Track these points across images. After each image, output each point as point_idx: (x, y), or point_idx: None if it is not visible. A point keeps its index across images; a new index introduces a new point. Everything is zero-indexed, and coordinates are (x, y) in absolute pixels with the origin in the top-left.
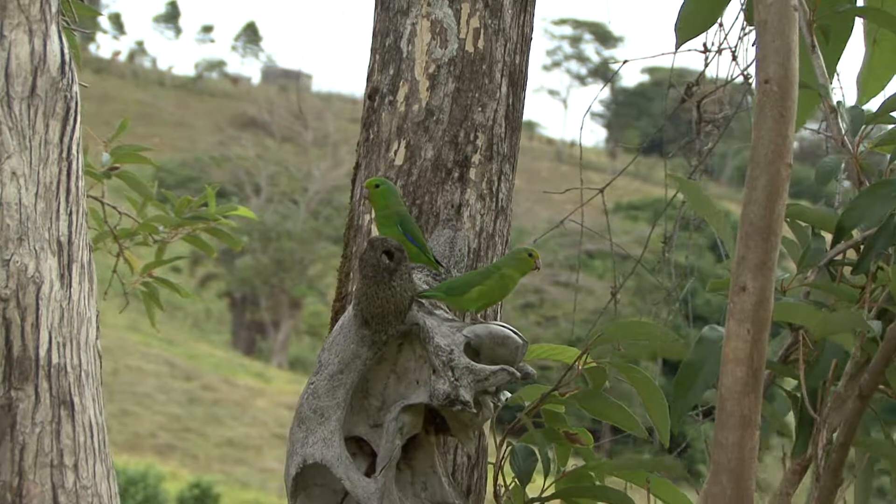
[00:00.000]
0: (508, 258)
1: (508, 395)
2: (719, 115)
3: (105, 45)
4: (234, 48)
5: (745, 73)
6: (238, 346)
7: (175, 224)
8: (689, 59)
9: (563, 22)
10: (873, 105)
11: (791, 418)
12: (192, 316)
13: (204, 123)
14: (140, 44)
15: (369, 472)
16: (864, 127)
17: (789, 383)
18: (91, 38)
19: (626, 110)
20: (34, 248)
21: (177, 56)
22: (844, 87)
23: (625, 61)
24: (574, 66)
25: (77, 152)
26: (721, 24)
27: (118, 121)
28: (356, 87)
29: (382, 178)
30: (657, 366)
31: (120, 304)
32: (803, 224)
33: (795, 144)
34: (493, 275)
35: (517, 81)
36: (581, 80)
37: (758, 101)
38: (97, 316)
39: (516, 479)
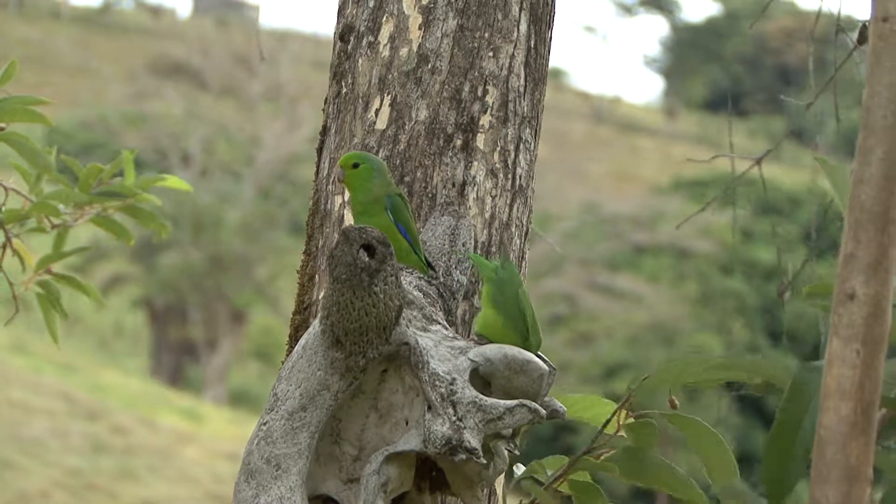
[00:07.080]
0: (538, 335)
1: (522, 467)
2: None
3: None
4: None
5: None
6: (160, 374)
7: (81, 202)
8: None
9: None
10: None
11: None
12: (96, 332)
13: (113, 70)
14: None
15: None
16: None
17: None
18: None
19: (690, 53)
20: None
21: None
22: None
23: None
24: None
25: None
26: None
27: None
28: (321, 23)
29: (362, 152)
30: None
31: (6, 312)
32: None
33: None
34: (524, 319)
35: (541, 15)
36: (628, 9)
37: (873, 45)
38: None
39: None
